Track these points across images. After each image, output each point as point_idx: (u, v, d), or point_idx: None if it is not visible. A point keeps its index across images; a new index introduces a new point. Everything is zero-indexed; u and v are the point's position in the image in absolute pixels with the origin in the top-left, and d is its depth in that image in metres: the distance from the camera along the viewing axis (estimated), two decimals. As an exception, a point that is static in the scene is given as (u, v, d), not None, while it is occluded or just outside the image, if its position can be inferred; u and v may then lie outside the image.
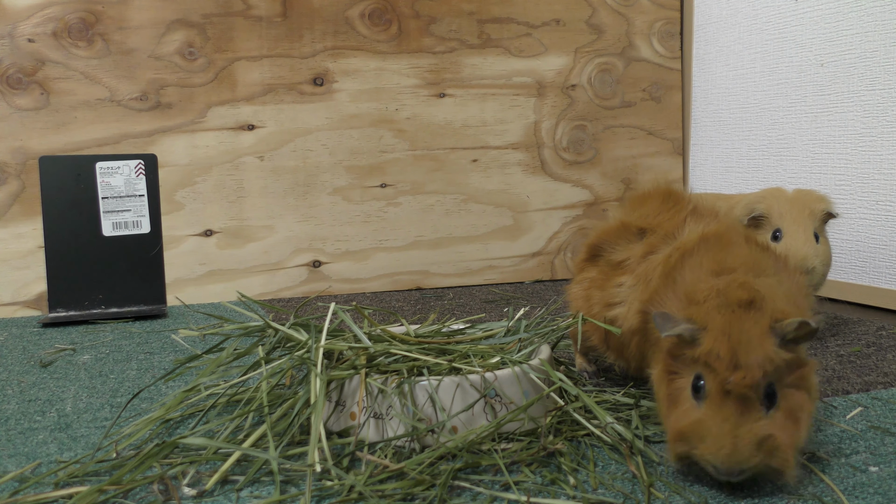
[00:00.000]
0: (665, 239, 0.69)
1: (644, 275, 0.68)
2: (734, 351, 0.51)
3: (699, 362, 0.53)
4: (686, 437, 0.52)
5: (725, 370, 0.51)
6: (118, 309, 1.25)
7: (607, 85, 1.51)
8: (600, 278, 0.74)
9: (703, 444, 0.51)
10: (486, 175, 1.46)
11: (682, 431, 0.52)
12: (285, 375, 0.67)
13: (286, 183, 1.36)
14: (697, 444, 0.52)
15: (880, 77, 1.16)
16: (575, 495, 0.52)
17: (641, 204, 0.76)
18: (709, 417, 0.51)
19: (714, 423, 0.51)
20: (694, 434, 0.52)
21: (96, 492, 0.52)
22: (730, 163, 1.47)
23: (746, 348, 0.51)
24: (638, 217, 0.74)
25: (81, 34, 1.26)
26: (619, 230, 0.75)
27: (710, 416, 0.51)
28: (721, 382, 0.51)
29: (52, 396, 0.79)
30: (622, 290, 0.70)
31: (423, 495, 0.52)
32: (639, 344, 0.67)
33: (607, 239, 0.75)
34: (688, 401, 0.54)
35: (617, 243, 0.74)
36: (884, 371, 0.82)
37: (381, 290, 1.42)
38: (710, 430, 0.51)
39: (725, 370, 0.51)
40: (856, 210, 1.21)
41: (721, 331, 0.52)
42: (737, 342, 0.52)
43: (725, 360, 0.51)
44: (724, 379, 0.51)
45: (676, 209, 0.72)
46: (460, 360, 0.68)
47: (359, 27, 1.38)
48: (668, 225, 0.70)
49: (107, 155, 1.26)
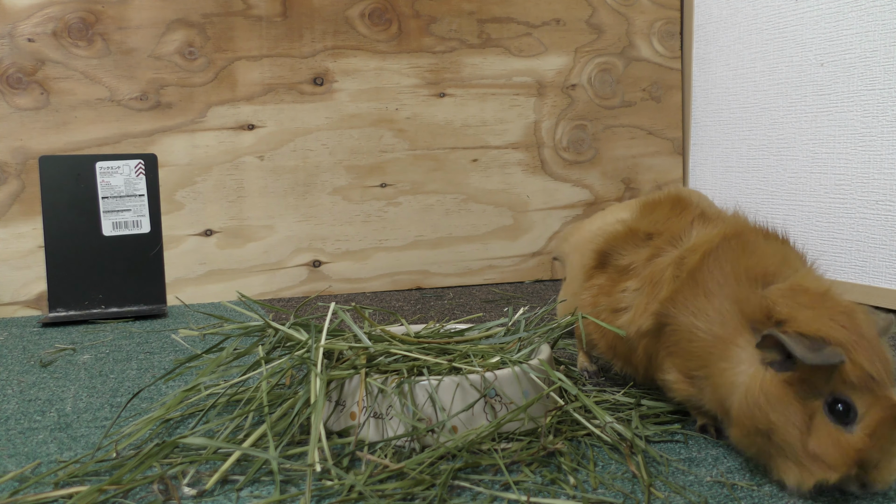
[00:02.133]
0: (671, 241, 0.69)
1: (650, 278, 0.67)
2: (887, 372, 0.51)
3: (838, 382, 0.51)
4: (864, 463, 0.50)
5: (890, 394, 0.50)
6: (118, 309, 1.25)
7: (607, 85, 1.51)
8: (608, 285, 0.73)
9: (877, 470, 0.50)
10: (486, 175, 1.46)
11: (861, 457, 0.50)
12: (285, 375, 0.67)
13: (286, 183, 1.36)
14: (869, 470, 0.50)
15: (880, 77, 1.16)
16: (575, 495, 0.52)
17: (652, 211, 0.75)
18: (881, 444, 0.50)
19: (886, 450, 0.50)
20: (870, 460, 0.50)
21: (96, 492, 0.52)
22: (730, 163, 1.47)
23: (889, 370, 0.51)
24: (647, 223, 0.74)
25: (81, 34, 1.26)
26: (627, 236, 0.74)
27: (882, 443, 0.50)
28: (890, 408, 0.50)
29: (52, 396, 0.79)
30: (627, 294, 0.70)
31: (423, 495, 0.52)
32: (647, 347, 0.66)
33: (615, 245, 0.74)
34: (826, 424, 0.51)
35: (624, 249, 0.73)
36: (884, 371, 0.82)
37: (381, 290, 1.42)
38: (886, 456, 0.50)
39: (890, 394, 0.50)
40: (856, 210, 1.21)
41: (870, 350, 0.51)
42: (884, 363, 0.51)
43: (885, 382, 0.50)
44: (892, 403, 0.50)
45: (684, 214, 0.72)
46: (460, 359, 0.68)
47: (359, 27, 1.38)
48: (675, 228, 0.70)
49: (107, 155, 1.26)
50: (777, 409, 0.52)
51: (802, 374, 0.52)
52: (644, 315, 0.65)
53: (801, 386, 0.52)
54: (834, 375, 0.51)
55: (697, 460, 0.59)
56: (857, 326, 0.52)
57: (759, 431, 0.53)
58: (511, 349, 0.71)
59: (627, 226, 0.75)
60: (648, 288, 0.66)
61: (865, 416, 0.50)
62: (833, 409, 0.51)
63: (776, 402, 0.52)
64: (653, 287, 0.66)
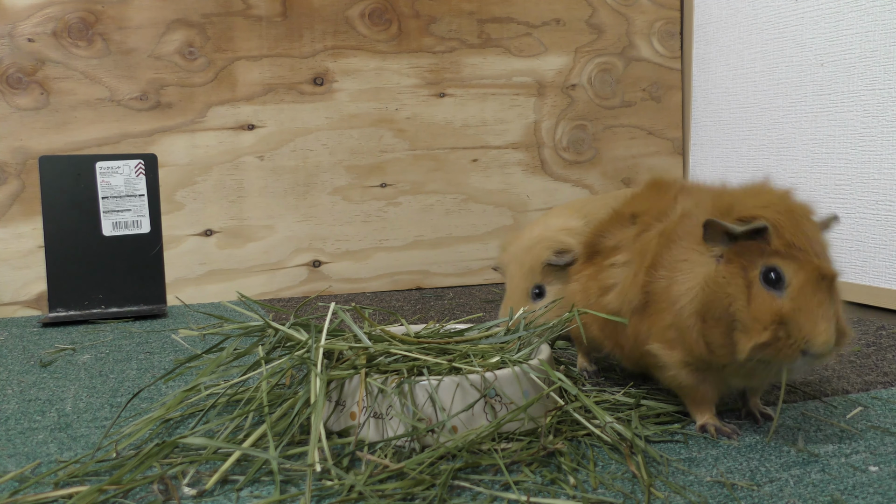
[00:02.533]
0: (657, 217, 0.71)
1: (639, 250, 0.68)
2: (813, 245, 0.58)
3: (769, 254, 0.58)
4: (787, 324, 0.56)
5: (812, 257, 0.57)
6: (118, 309, 1.25)
7: (607, 85, 1.51)
8: (596, 270, 0.75)
9: (804, 334, 0.56)
10: (486, 175, 1.46)
11: (783, 318, 0.56)
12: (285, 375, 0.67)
13: (286, 183, 1.36)
14: (795, 335, 0.56)
15: (880, 77, 1.16)
16: (575, 495, 0.52)
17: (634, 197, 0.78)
18: (805, 304, 0.57)
19: (812, 310, 0.56)
20: (792, 322, 0.56)
21: (96, 492, 0.52)
22: (730, 163, 1.47)
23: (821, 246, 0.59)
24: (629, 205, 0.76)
25: (81, 34, 1.26)
26: (612, 219, 0.77)
27: (805, 303, 0.57)
28: (810, 270, 0.57)
29: (52, 396, 0.79)
30: (615, 269, 0.71)
31: (423, 495, 0.52)
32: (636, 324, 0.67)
33: (600, 231, 0.77)
34: (762, 292, 0.58)
35: (610, 231, 0.75)
36: (884, 371, 0.82)
37: (381, 290, 1.42)
38: (809, 317, 0.56)
39: (812, 257, 0.57)
40: (856, 210, 1.21)
41: (795, 226, 0.58)
42: (812, 239, 0.58)
43: (808, 248, 0.58)
44: (814, 265, 0.57)
45: (665, 190, 0.74)
46: (460, 359, 0.68)
47: (359, 27, 1.38)
48: (659, 204, 0.72)
49: (107, 155, 1.26)
50: (728, 284, 0.59)
51: (739, 250, 0.59)
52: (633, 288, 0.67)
53: (740, 261, 0.59)
54: (765, 250, 0.58)
55: (697, 460, 0.59)
56: (790, 209, 0.59)
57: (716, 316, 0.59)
58: (511, 349, 0.71)
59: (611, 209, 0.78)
60: (637, 259, 0.68)
61: (792, 281, 0.57)
62: (767, 277, 0.58)
63: (727, 278, 0.59)
64: (641, 258, 0.67)
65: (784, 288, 0.57)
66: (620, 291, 0.69)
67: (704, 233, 0.60)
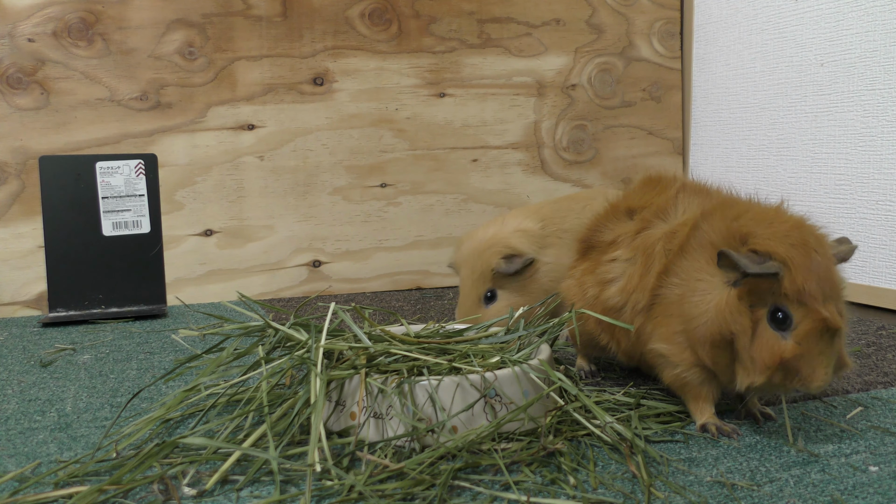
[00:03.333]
0: (657, 214, 0.70)
1: (643, 249, 0.68)
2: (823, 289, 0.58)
3: (779, 295, 0.58)
4: (787, 368, 0.57)
5: (820, 306, 0.57)
6: (118, 309, 1.25)
7: (607, 85, 1.51)
8: (592, 265, 0.75)
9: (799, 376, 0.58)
10: (486, 175, 1.46)
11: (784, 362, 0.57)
12: (285, 375, 0.67)
13: (286, 183, 1.36)
14: (793, 377, 0.58)
15: (880, 77, 1.16)
16: (575, 495, 0.52)
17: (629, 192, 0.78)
18: (807, 352, 0.57)
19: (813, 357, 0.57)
20: (792, 367, 0.57)
21: (96, 492, 0.52)
22: (730, 163, 1.47)
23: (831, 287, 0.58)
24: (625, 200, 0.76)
25: (81, 34, 1.26)
26: (608, 213, 0.77)
27: (807, 351, 0.57)
28: (817, 319, 0.57)
29: (52, 396, 0.79)
30: (616, 264, 0.71)
31: (423, 495, 0.52)
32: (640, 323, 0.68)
33: (596, 226, 0.77)
34: (767, 331, 0.58)
35: (606, 226, 0.75)
36: (884, 371, 0.82)
37: (381, 290, 1.42)
38: (809, 364, 0.57)
39: (820, 306, 0.57)
40: (856, 210, 1.21)
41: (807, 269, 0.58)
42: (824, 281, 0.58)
43: (818, 296, 0.57)
44: (821, 316, 0.57)
45: (664, 186, 0.74)
46: (460, 359, 0.68)
47: (359, 27, 1.38)
48: (659, 201, 0.71)
49: (107, 155, 1.26)
50: (732, 319, 0.59)
51: (751, 287, 0.59)
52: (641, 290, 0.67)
53: (750, 297, 0.59)
54: (776, 289, 0.58)
55: (697, 460, 0.59)
56: (806, 244, 0.59)
57: (724, 342, 0.60)
58: (511, 349, 0.71)
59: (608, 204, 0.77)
60: (642, 259, 0.68)
61: (799, 326, 0.58)
62: (774, 317, 0.58)
63: (733, 312, 0.59)
64: (647, 258, 0.67)
65: (789, 329, 0.58)
66: (625, 289, 0.69)
67: (719, 261, 0.60)
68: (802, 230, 0.60)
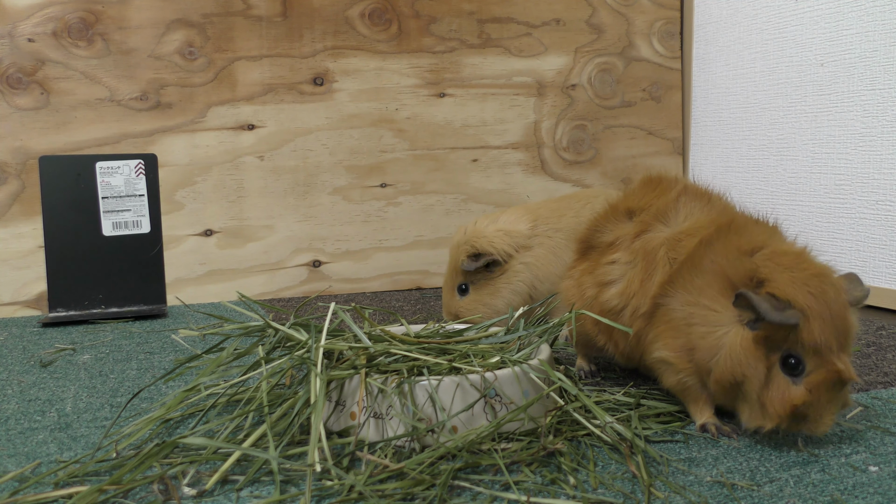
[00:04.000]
0: (658, 217, 0.70)
1: (644, 253, 0.68)
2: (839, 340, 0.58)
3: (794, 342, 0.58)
4: (798, 416, 0.58)
5: (836, 358, 0.57)
6: (118, 309, 1.25)
7: (607, 85, 1.51)
8: (591, 265, 0.75)
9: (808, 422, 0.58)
10: (486, 175, 1.46)
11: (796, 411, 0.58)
12: (285, 375, 0.67)
13: (286, 183, 1.36)
14: (799, 422, 0.59)
15: (880, 77, 1.16)
16: (575, 495, 0.52)
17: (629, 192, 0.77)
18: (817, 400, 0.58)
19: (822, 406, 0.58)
20: (800, 413, 0.58)
21: (96, 492, 0.52)
22: (730, 163, 1.47)
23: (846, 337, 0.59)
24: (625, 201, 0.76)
25: (81, 34, 1.26)
26: (607, 214, 0.76)
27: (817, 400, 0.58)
28: (831, 371, 0.57)
29: (52, 396, 0.79)
30: (616, 266, 0.71)
31: (423, 495, 0.52)
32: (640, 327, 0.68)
33: (596, 226, 0.76)
34: (779, 377, 0.58)
35: (605, 226, 0.75)
36: (884, 371, 0.82)
37: (381, 290, 1.42)
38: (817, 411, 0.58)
39: (836, 358, 0.57)
40: (856, 210, 1.21)
41: (825, 321, 0.57)
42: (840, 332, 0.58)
43: (834, 349, 0.57)
44: (836, 368, 0.57)
45: (664, 188, 0.73)
46: (460, 359, 0.68)
47: (359, 27, 1.38)
48: (659, 203, 0.71)
49: (107, 155, 1.26)
50: (746, 363, 0.59)
51: (767, 331, 0.59)
52: (642, 296, 0.67)
53: (766, 342, 0.59)
54: (791, 335, 0.58)
55: (697, 460, 0.59)
56: (824, 293, 0.58)
57: (736, 383, 0.60)
58: (511, 349, 0.71)
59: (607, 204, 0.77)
60: (643, 264, 0.68)
61: (811, 375, 0.58)
62: (786, 362, 0.58)
63: (748, 356, 0.59)
64: (648, 264, 0.67)
65: (801, 376, 0.58)
66: (624, 293, 0.69)
67: (736, 300, 0.60)
68: (822, 279, 0.59)
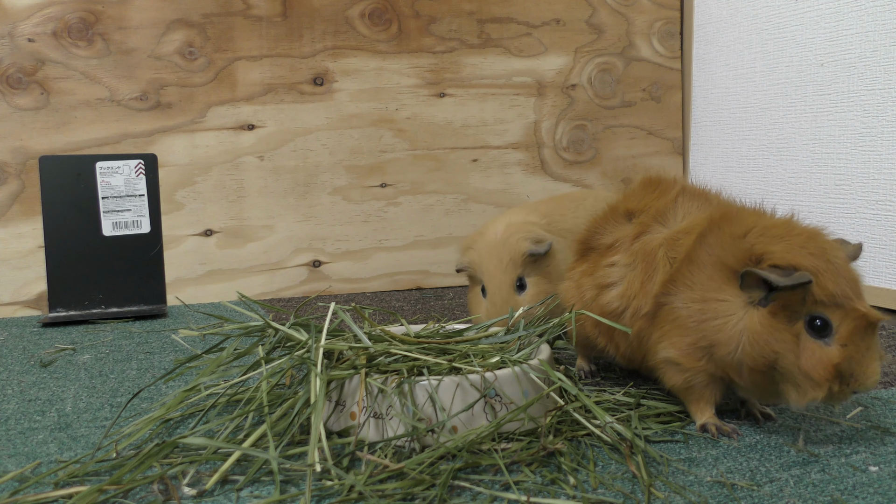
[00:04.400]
0: (656, 218, 0.70)
1: (643, 255, 0.68)
2: (853, 288, 0.58)
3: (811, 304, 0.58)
4: (843, 375, 0.57)
5: (858, 304, 0.57)
6: (118, 309, 1.25)
7: (607, 85, 1.51)
8: (591, 267, 0.75)
9: (855, 379, 0.57)
10: (486, 175, 1.46)
11: (838, 369, 0.57)
12: (285, 375, 0.67)
13: (286, 183, 1.36)
14: (848, 381, 0.57)
15: (880, 77, 1.16)
16: (575, 495, 0.52)
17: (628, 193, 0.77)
18: (855, 352, 0.57)
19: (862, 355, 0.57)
20: (845, 371, 0.57)
21: (96, 492, 0.52)
22: (730, 163, 1.47)
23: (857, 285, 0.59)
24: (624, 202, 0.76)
25: (81, 34, 1.26)
26: (607, 215, 0.76)
27: (855, 351, 0.57)
28: (858, 317, 0.57)
29: (52, 396, 0.79)
30: (615, 269, 0.71)
31: (423, 495, 0.52)
32: (641, 328, 0.67)
33: (595, 228, 0.76)
34: (810, 342, 0.58)
35: (605, 228, 0.75)
36: (884, 371, 0.82)
37: (381, 290, 1.42)
38: (860, 363, 0.57)
39: (858, 304, 0.57)
40: (856, 210, 1.21)
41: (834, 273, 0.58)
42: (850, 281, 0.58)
43: (851, 295, 0.57)
44: (861, 313, 0.57)
45: (663, 189, 0.73)
46: (460, 359, 0.68)
47: (359, 27, 1.38)
48: (658, 204, 0.71)
49: (107, 155, 1.26)
50: (773, 339, 0.58)
51: (783, 302, 0.58)
52: (643, 297, 0.67)
53: (783, 313, 0.58)
54: (808, 298, 0.58)
55: (697, 460, 0.59)
56: (823, 251, 0.59)
57: (768, 364, 0.59)
58: (511, 349, 0.71)
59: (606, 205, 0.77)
60: (643, 265, 0.67)
61: (840, 328, 0.57)
62: (812, 325, 0.58)
63: (771, 332, 0.58)
64: (648, 265, 0.67)
65: (831, 335, 0.58)
66: (625, 295, 0.69)
67: (742, 281, 0.60)
68: (816, 239, 0.60)
